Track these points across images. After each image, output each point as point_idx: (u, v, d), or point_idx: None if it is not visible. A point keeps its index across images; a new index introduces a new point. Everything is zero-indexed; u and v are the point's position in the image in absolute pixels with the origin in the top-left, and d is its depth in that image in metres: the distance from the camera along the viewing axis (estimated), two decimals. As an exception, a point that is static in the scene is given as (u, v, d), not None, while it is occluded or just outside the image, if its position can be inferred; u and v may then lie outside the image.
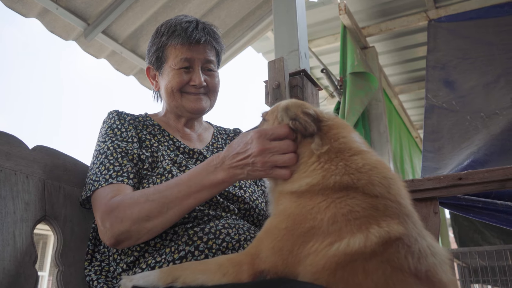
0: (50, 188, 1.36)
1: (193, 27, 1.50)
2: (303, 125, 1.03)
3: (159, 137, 1.52)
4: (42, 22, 3.18)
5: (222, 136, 1.73)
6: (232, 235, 1.27)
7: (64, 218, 1.37)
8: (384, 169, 0.96)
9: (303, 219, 0.92)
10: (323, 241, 0.87)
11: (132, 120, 1.51)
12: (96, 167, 1.35)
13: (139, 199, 1.22)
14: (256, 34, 3.88)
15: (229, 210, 1.38)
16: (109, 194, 1.27)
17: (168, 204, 1.19)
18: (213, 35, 1.56)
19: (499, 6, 3.63)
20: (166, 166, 1.36)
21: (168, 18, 1.61)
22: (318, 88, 2.27)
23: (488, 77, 3.17)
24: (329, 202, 0.91)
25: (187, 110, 1.54)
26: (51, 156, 1.41)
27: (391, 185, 0.92)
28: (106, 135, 1.43)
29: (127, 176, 1.32)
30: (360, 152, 0.99)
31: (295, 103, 1.11)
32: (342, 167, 0.95)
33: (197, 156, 1.51)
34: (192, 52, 1.50)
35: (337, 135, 1.02)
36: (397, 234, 0.83)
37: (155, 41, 1.56)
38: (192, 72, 1.52)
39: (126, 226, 1.19)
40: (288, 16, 2.36)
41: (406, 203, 0.92)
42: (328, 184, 0.93)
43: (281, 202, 1.02)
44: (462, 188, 1.68)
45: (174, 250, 1.23)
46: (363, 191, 0.90)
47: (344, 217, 0.88)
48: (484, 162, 2.36)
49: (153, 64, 1.59)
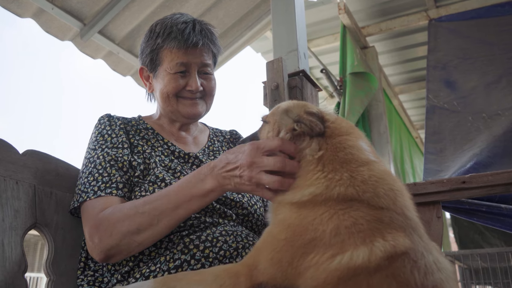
0: (41, 194, 1.31)
1: (190, 29, 1.43)
2: (308, 125, 0.98)
3: (152, 141, 1.46)
4: (38, 22, 3.14)
5: (218, 138, 1.68)
6: (229, 243, 1.23)
7: (56, 225, 1.32)
8: (391, 181, 0.91)
9: (304, 230, 0.88)
10: (325, 254, 0.83)
11: (124, 125, 1.45)
12: (85, 176, 1.31)
13: (128, 212, 1.18)
14: (255, 33, 3.83)
15: (226, 216, 1.34)
16: (98, 207, 1.22)
17: (159, 216, 1.16)
18: (210, 37, 1.49)
19: (500, 6, 3.60)
20: (159, 174, 1.31)
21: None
22: (317, 89, 2.23)
23: (489, 77, 3.13)
24: (332, 213, 0.87)
25: (183, 115, 1.49)
26: (43, 161, 1.37)
27: (397, 197, 0.88)
28: (96, 142, 1.38)
29: (116, 186, 1.27)
30: (367, 162, 0.94)
31: (297, 104, 1.07)
32: (347, 179, 0.90)
33: (193, 161, 1.46)
34: (189, 56, 1.44)
35: (343, 144, 0.97)
36: (403, 248, 0.78)
37: (149, 42, 1.49)
38: (188, 77, 1.46)
39: (115, 240, 1.16)
40: (286, 16, 2.31)
41: (413, 215, 0.88)
42: (332, 195, 0.89)
43: (280, 211, 0.97)
44: (465, 192, 1.64)
45: (169, 259, 1.19)
46: (368, 203, 0.86)
47: (348, 229, 0.83)
48: (487, 164, 2.32)
49: (147, 65, 1.53)
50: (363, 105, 3.68)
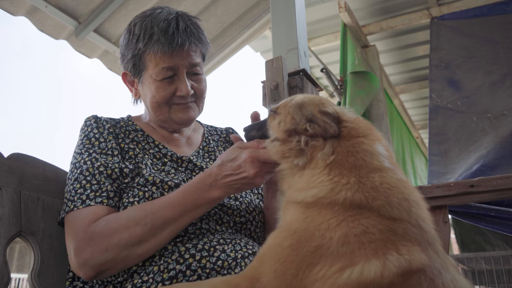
0: (27, 200, 1.24)
1: (173, 28, 1.28)
2: (322, 127, 0.91)
3: (143, 144, 1.37)
4: (31, 20, 3.07)
5: (213, 137, 1.58)
6: (228, 252, 1.15)
7: (43, 233, 1.25)
8: (406, 190, 0.84)
9: (310, 236, 0.81)
10: (332, 265, 0.76)
11: (113, 128, 1.35)
12: (71, 183, 1.21)
13: (127, 223, 1.10)
14: (254, 32, 3.77)
15: (222, 223, 1.26)
16: (87, 218, 1.13)
17: (163, 226, 1.11)
18: (197, 34, 1.35)
19: (504, 3, 3.54)
20: (148, 177, 1.22)
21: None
22: (318, 89, 2.15)
23: (494, 77, 3.06)
24: (340, 219, 0.79)
25: (176, 122, 1.38)
26: (29, 165, 1.29)
27: (412, 208, 0.80)
28: (83, 146, 1.28)
29: (107, 195, 1.18)
30: (380, 169, 0.86)
31: (312, 100, 0.98)
32: (354, 183, 0.83)
33: (186, 165, 1.37)
34: (175, 59, 1.29)
35: (356, 147, 0.89)
36: (419, 264, 0.71)
37: (130, 46, 1.34)
38: (177, 81, 1.33)
39: (112, 254, 1.08)
40: (286, 14, 2.24)
41: (429, 228, 0.81)
42: (338, 199, 0.81)
43: (288, 212, 0.91)
44: (474, 196, 1.57)
45: (163, 269, 1.11)
46: (379, 212, 0.79)
47: (357, 238, 0.76)
48: (494, 167, 2.25)
49: (130, 71, 1.39)
50: (364, 105, 3.62)
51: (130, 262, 1.11)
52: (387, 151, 0.91)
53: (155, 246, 1.12)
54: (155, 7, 1.37)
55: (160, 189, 1.20)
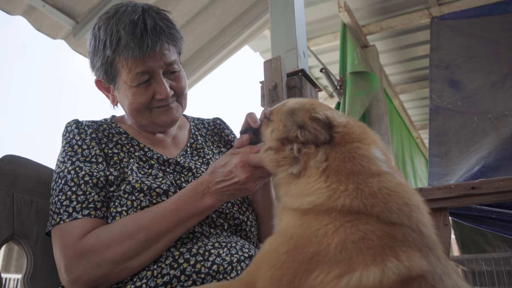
0: (20, 203, 1.21)
1: (141, 29, 1.18)
2: (313, 134, 0.89)
3: (127, 147, 1.30)
4: (29, 20, 3.05)
5: (200, 132, 1.51)
6: (223, 256, 1.13)
7: (36, 237, 1.22)
8: (406, 194, 0.81)
9: (307, 242, 0.79)
10: (330, 272, 0.74)
11: (95, 133, 1.28)
12: (56, 194, 1.16)
13: (120, 238, 1.07)
14: (253, 32, 3.75)
15: (216, 225, 1.23)
16: (75, 233, 1.09)
17: (157, 238, 1.09)
18: (168, 31, 1.24)
19: (504, 3, 3.51)
20: (135, 184, 1.17)
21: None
22: (317, 89, 2.13)
23: (495, 77, 3.04)
24: (338, 225, 0.77)
25: (159, 125, 1.32)
26: (23, 167, 1.27)
27: (412, 212, 0.78)
28: (65, 153, 1.23)
29: (94, 206, 1.14)
30: (378, 174, 0.84)
31: (303, 106, 0.95)
32: (353, 190, 0.81)
33: (174, 167, 1.31)
34: (149, 62, 1.20)
35: (352, 153, 0.87)
36: (420, 270, 0.69)
37: (97, 54, 1.25)
38: (154, 83, 1.25)
39: (105, 270, 1.06)
40: (285, 13, 2.22)
41: (430, 233, 0.78)
42: (335, 207, 0.79)
43: (284, 218, 0.90)
44: (475, 198, 1.55)
45: (157, 274, 1.08)
46: (378, 218, 0.76)
47: (355, 244, 0.74)
48: (496, 168, 2.23)
49: (102, 78, 1.31)
50: (363, 105, 3.59)
51: (124, 275, 1.09)
52: (384, 154, 0.89)
53: (150, 259, 1.10)
54: (118, 4, 1.27)
55: (148, 197, 1.16)
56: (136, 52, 1.17)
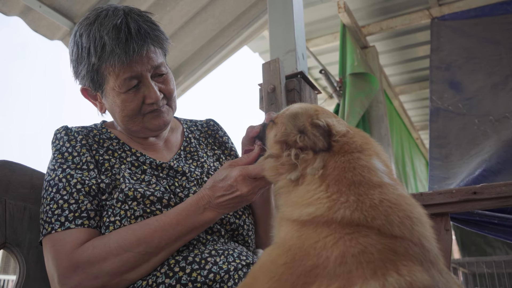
0: (12, 209, 1.19)
1: (125, 34, 1.15)
2: (311, 140, 0.88)
3: (119, 152, 1.27)
4: (25, 20, 3.03)
5: (194, 134, 1.48)
6: (220, 264, 1.10)
7: (29, 244, 1.20)
8: (408, 206, 0.79)
9: (305, 255, 0.76)
10: (329, 286, 0.71)
11: (85, 139, 1.24)
12: (47, 203, 1.13)
13: (117, 250, 1.05)
14: (252, 33, 3.72)
15: (213, 232, 1.21)
16: (69, 243, 1.06)
17: (156, 252, 1.07)
18: (152, 33, 1.22)
19: (506, 3, 3.49)
20: (128, 192, 1.14)
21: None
22: (316, 92, 2.11)
23: (496, 78, 3.01)
24: (337, 238, 0.75)
25: (151, 129, 1.30)
26: (16, 173, 1.24)
27: (414, 226, 0.76)
28: (55, 161, 1.20)
29: (87, 216, 1.11)
30: (379, 185, 0.81)
31: (306, 111, 0.94)
32: (353, 202, 0.78)
33: (167, 172, 1.28)
34: (136, 66, 1.18)
35: (353, 163, 0.85)
36: (421, 285, 0.66)
37: (82, 62, 1.21)
38: (143, 88, 1.22)
39: (103, 282, 1.03)
40: (284, 14, 2.19)
41: (432, 247, 0.76)
42: (335, 218, 0.77)
43: (283, 229, 0.87)
44: (476, 203, 1.52)
45: (152, 283, 1.06)
46: (379, 231, 0.74)
47: (355, 258, 0.71)
48: (497, 172, 2.20)
49: (88, 86, 1.27)
50: (363, 107, 3.57)
51: (121, 287, 1.07)
52: (386, 166, 0.87)
53: (148, 271, 1.08)
54: (97, 8, 1.24)
55: (142, 205, 1.13)
56: (122, 58, 1.15)
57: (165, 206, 1.15)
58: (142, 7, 3.15)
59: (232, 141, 1.56)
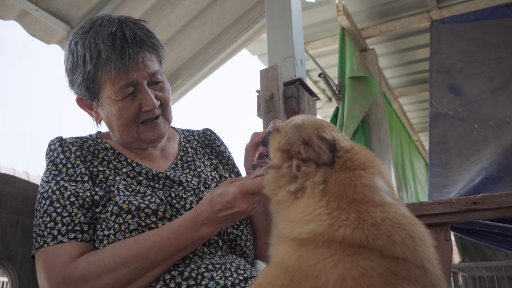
0: (5, 223, 1.17)
1: (121, 41, 1.15)
2: (316, 151, 0.86)
3: (114, 163, 1.25)
4: (22, 25, 3.00)
5: (191, 144, 1.46)
6: (217, 280, 1.08)
7: (22, 259, 1.18)
8: (410, 226, 0.77)
9: (304, 277, 0.74)
10: None
11: (80, 150, 1.23)
12: (40, 216, 1.11)
13: (112, 266, 1.03)
14: (251, 36, 3.70)
15: (210, 243, 1.19)
16: (62, 258, 1.04)
17: (152, 267, 1.06)
18: (148, 40, 1.22)
19: (506, 6, 3.46)
20: (123, 204, 1.11)
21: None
22: (315, 98, 2.08)
23: (496, 82, 2.98)
24: (337, 259, 0.73)
25: (146, 141, 1.28)
26: (9, 185, 1.22)
27: (416, 246, 0.74)
28: (49, 173, 1.18)
29: (81, 229, 1.09)
30: (381, 204, 0.79)
31: (312, 123, 0.93)
32: (354, 219, 0.76)
33: (164, 181, 1.26)
34: (132, 73, 1.17)
35: (354, 181, 0.82)
36: None
37: (77, 70, 1.21)
38: (139, 95, 1.21)
39: None
40: (282, 19, 2.17)
41: (434, 269, 0.74)
42: (336, 237, 0.75)
43: (280, 248, 0.85)
44: (477, 214, 1.50)
45: (147, 300, 1.04)
46: (380, 252, 0.72)
47: (355, 281, 0.69)
48: (498, 179, 2.17)
49: (84, 95, 1.25)
50: (362, 111, 3.55)
51: None
52: (388, 186, 0.85)
53: (143, 286, 1.07)
54: (92, 18, 1.24)
55: (137, 218, 1.11)
56: (118, 64, 1.14)
57: (161, 218, 1.13)
58: (139, 10, 3.13)
59: (230, 150, 1.54)
